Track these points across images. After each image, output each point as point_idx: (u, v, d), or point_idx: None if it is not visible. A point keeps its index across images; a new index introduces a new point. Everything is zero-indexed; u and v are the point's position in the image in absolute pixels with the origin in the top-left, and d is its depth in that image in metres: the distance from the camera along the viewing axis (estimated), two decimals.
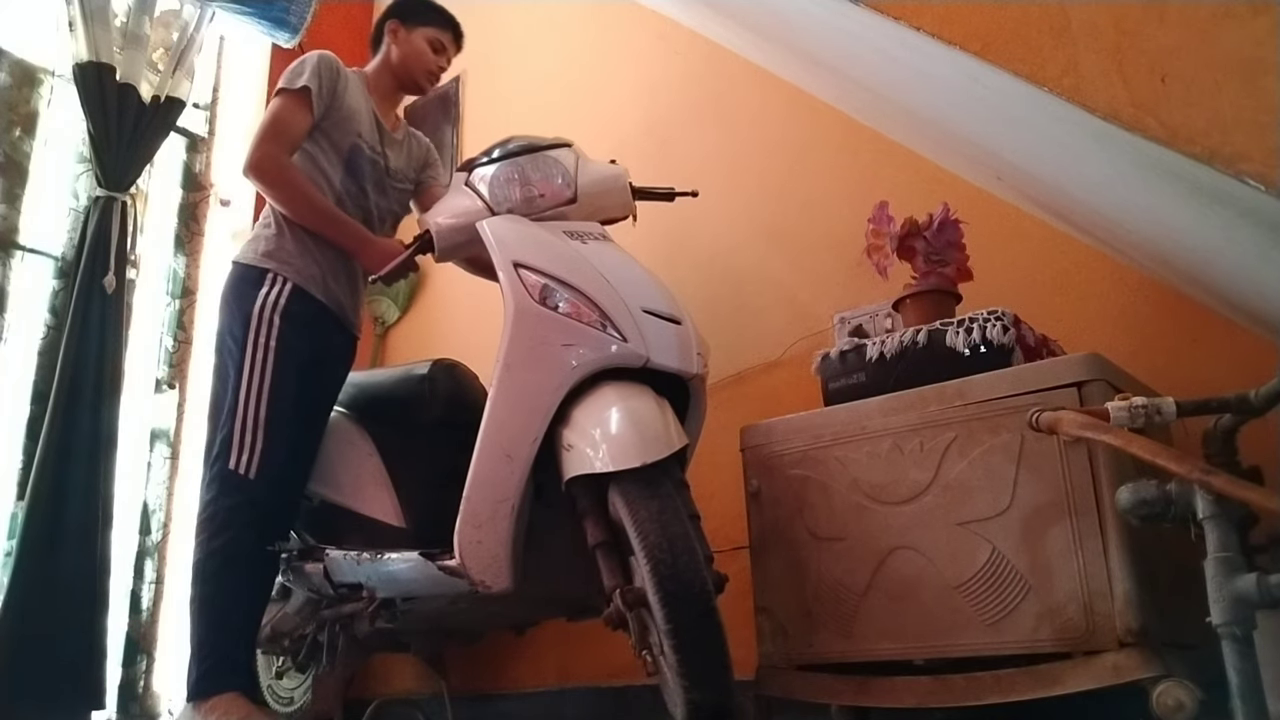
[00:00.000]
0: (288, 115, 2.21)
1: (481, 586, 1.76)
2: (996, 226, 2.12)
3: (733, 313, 2.59)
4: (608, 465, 1.60)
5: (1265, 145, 1.09)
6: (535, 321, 1.77)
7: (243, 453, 2.05)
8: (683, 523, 1.53)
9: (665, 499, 1.55)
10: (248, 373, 2.09)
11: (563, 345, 1.74)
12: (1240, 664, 1.14)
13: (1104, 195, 1.68)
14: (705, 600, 1.45)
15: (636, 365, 1.74)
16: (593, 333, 1.74)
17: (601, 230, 1.99)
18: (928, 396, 1.67)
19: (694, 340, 1.85)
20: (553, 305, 1.77)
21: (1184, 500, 1.23)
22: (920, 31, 1.36)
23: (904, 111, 2.16)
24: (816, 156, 2.52)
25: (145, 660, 2.92)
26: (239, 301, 2.18)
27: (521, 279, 1.80)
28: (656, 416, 1.66)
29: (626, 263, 1.90)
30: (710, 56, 2.79)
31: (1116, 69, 1.22)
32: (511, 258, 1.83)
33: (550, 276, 1.79)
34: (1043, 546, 1.50)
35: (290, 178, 2.18)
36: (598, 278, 1.81)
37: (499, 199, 1.98)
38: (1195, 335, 1.89)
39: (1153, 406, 1.30)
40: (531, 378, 1.74)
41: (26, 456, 2.68)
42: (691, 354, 1.82)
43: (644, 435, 1.61)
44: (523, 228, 1.91)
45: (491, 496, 1.74)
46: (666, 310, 1.83)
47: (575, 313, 1.76)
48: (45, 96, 3.02)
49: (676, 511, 1.54)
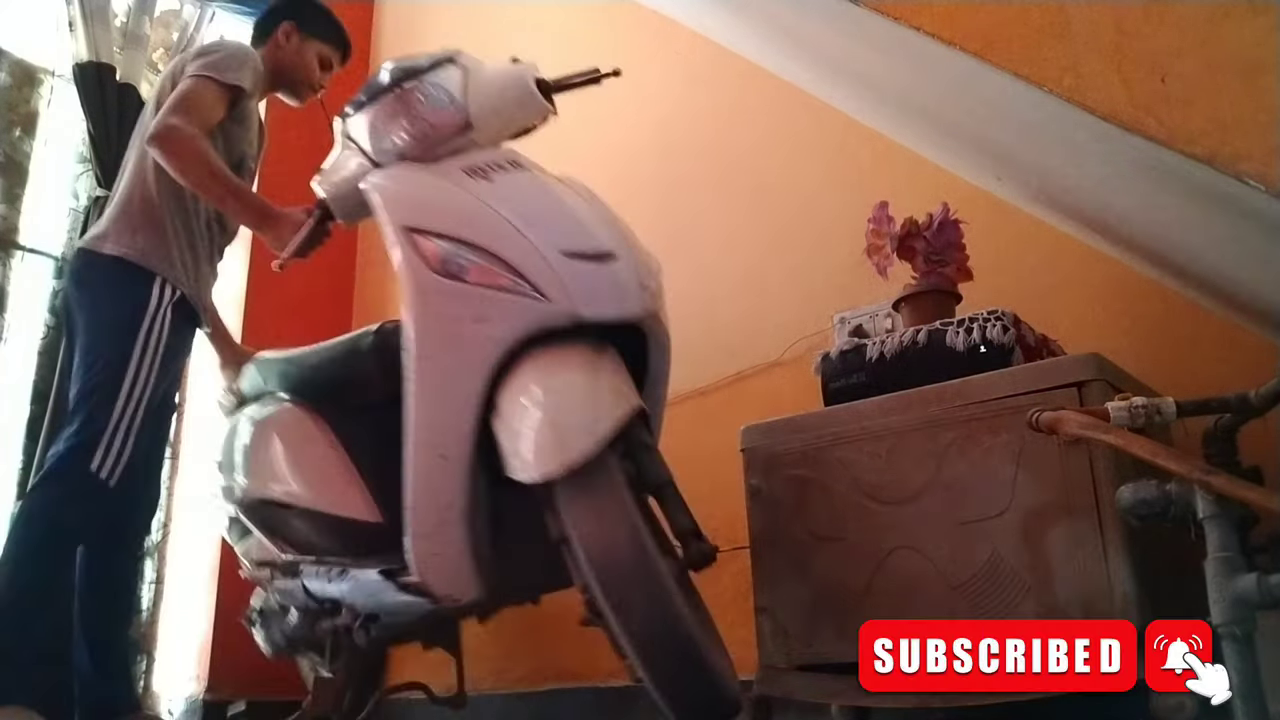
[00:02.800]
0: (211, 100, 2.03)
1: (448, 601, 1.60)
2: (996, 226, 2.12)
3: (733, 313, 2.59)
4: (532, 476, 1.43)
5: (1265, 145, 1.10)
6: (438, 298, 1.54)
7: (109, 455, 1.90)
8: (627, 520, 1.37)
9: (603, 497, 1.38)
10: (132, 376, 1.96)
11: (474, 322, 1.50)
12: (1240, 664, 1.14)
13: (1104, 195, 1.68)
14: (662, 606, 1.32)
15: (565, 325, 1.52)
16: (505, 299, 1.50)
17: (510, 157, 1.70)
18: (928, 396, 1.66)
19: (635, 273, 1.59)
20: (455, 274, 1.53)
21: (1184, 500, 1.23)
22: (920, 31, 1.37)
23: (904, 111, 2.16)
24: (816, 156, 2.52)
25: (145, 660, 2.93)
26: (125, 300, 2.03)
27: (417, 248, 1.55)
28: (582, 398, 1.44)
29: (540, 193, 1.63)
30: (710, 56, 2.79)
31: (1116, 69, 1.22)
32: (402, 222, 1.58)
33: (449, 238, 1.54)
34: (1043, 546, 1.50)
35: (199, 149, 1.96)
36: (504, 226, 1.55)
37: (382, 149, 1.70)
38: (1195, 335, 1.88)
39: (1153, 406, 1.30)
40: (449, 365, 1.53)
41: (26, 456, 2.68)
42: (632, 292, 1.57)
43: (563, 433, 1.41)
44: (411, 179, 1.65)
45: (435, 503, 1.56)
46: (593, 246, 1.57)
47: (483, 278, 1.51)
48: (45, 96, 3.03)
49: (619, 508, 1.37)
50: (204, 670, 2.83)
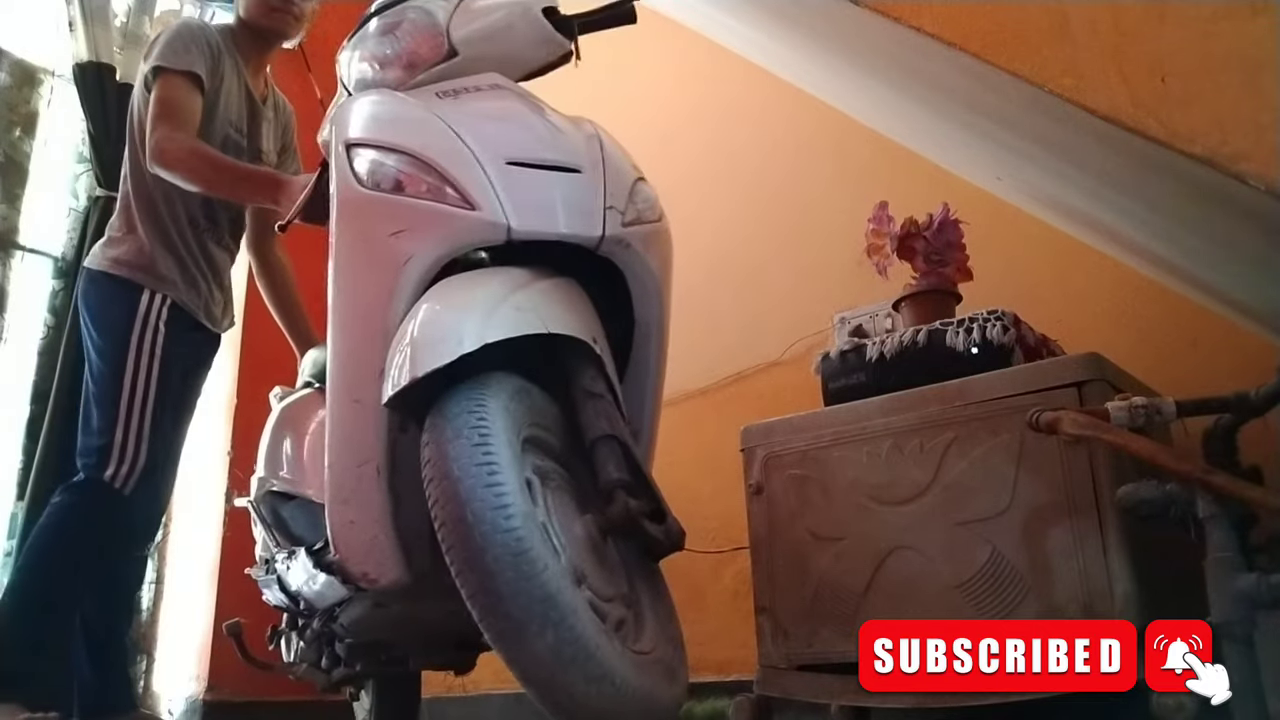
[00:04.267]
0: (181, 94, 1.93)
1: (365, 580, 1.35)
2: (996, 226, 2.12)
3: (733, 313, 2.59)
4: (380, 403, 1.21)
5: (1265, 145, 1.09)
6: (357, 211, 1.34)
7: (122, 464, 1.91)
8: (471, 468, 1.07)
9: (458, 437, 1.10)
10: (129, 387, 1.95)
11: (391, 235, 1.28)
12: (1240, 664, 1.14)
13: (1104, 195, 1.68)
14: (525, 583, 1.01)
15: (497, 241, 1.29)
16: (426, 208, 1.29)
17: (494, 81, 1.49)
18: (928, 396, 1.66)
19: (598, 190, 1.38)
20: (381, 184, 1.32)
21: (1184, 500, 1.23)
22: (920, 31, 1.36)
23: (904, 112, 2.16)
24: (816, 156, 2.52)
25: (145, 660, 2.93)
26: (114, 317, 2.01)
27: (350, 161, 1.35)
28: (460, 313, 1.19)
29: (512, 110, 1.43)
30: (710, 56, 2.79)
31: (1116, 69, 1.22)
32: (344, 138, 1.39)
33: (383, 147, 1.35)
34: (1043, 546, 1.50)
35: (192, 151, 1.89)
36: (447, 136, 1.34)
37: (359, 80, 1.55)
38: (1195, 335, 1.89)
39: (1153, 406, 1.30)
40: (362, 288, 1.32)
41: (26, 456, 2.68)
42: (588, 209, 1.35)
43: (417, 349, 1.16)
44: (369, 100, 1.47)
45: (352, 459, 1.31)
46: (549, 157, 1.36)
47: (407, 186, 1.30)
48: (45, 96, 3.03)
49: (460, 451, 1.09)
50: (204, 670, 2.83)
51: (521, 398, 1.22)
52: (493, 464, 1.08)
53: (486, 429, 1.11)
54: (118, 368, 1.96)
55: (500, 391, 1.18)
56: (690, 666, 1.32)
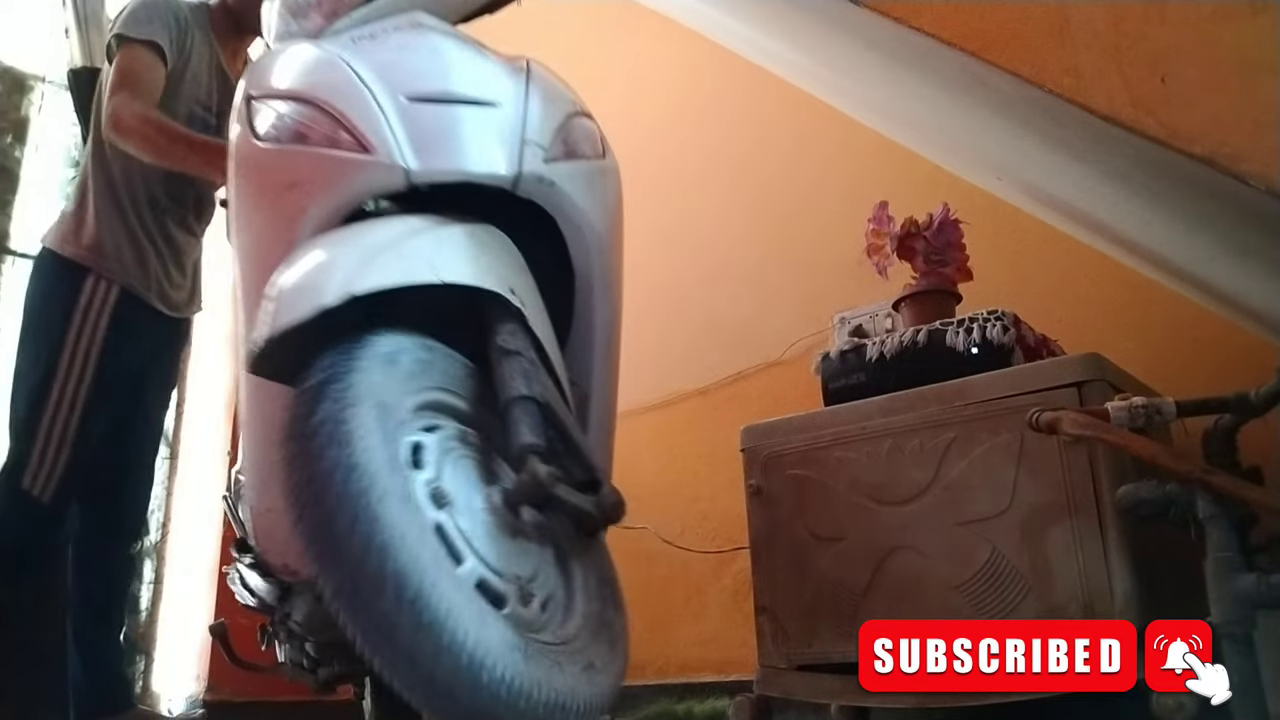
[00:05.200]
0: (142, 64, 1.86)
1: (286, 573, 1.26)
2: (996, 226, 2.12)
3: (733, 313, 2.59)
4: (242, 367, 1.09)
5: (1265, 145, 1.09)
6: (252, 167, 1.24)
7: (40, 471, 1.79)
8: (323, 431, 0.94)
9: (322, 397, 0.97)
10: (61, 384, 1.82)
11: (286, 190, 1.18)
12: (1240, 664, 1.14)
13: (1104, 195, 1.69)
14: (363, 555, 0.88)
15: (397, 186, 1.16)
16: (316, 155, 1.17)
17: (418, 19, 1.34)
18: (928, 396, 1.66)
19: (519, 125, 1.23)
20: (275, 136, 1.21)
21: (1184, 500, 1.23)
22: (920, 31, 1.36)
23: (904, 111, 2.16)
24: (816, 156, 2.52)
25: (144, 660, 2.93)
26: (55, 299, 1.89)
27: (249, 115, 1.24)
28: (325, 261, 1.05)
29: (424, 44, 1.29)
30: (710, 56, 2.79)
31: (1116, 69, 1.22)
32: (248, 91, 1.28)
33: (281, 96, 1.23)
34: (1043, 546, 1.50)
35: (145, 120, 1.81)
36: (346, 77, 1.21)
37: (284, 33, 1.43)
38: (1195, 335, 1.89)
39: (1153, 406, 1.30)
40: (261, 251, 1.19)
41: None
42: (502, 145, 1.20)
43: (275, 304, 1.03)
44: (279, 52, 1.35)
45: (265, 439, 1.20)
46: (462, 90, 1.22)
47: (305, 136, 1.18)
48: (36, 103, 3.03)
49: (317, 413, 0.96)
50: (204, 670, 2.82)
51: (412, 358, 1.07)
52: (348, 429, 0.93)
53: (347, 391, 0.96)
54: (50, 367, 1.85)
55: (381, 351, 1.03)
56: (690, 666, 1.31)
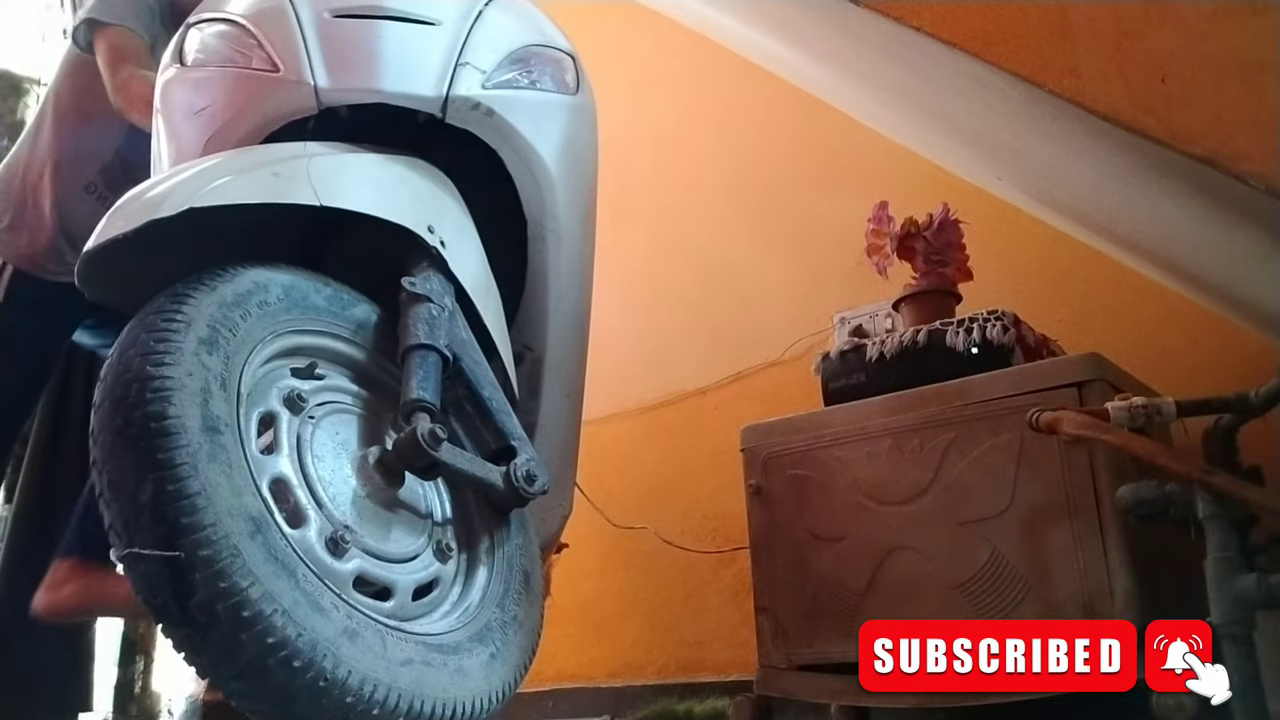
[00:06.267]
0: (130, 44, 1.76)
1: None
2: (996, 226, 2.12)
3: (733, 313, 2.59)
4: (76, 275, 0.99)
5: (1265, 145, 1.09)
6: (169, 92, 1.17)
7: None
8: (134, 367, 0.81)
9: (132, 327, 0.85)
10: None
11: (194, 112, 1.11)
12: (1240, 664, 1.14)
13: (1104, 195, 1.69)
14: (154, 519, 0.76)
15: (308, 108, 1.07)
16: (227, 75, 1.10)
17: None
18: (928, 396, 1.66)
19: (457, 46, 1.14)
20: (199, 61, 1.15)
21: (1184, 500, 1.23)
22: (920, 31, 1.36)
23: (904, 112, 2.16)
24: (816, 156, 2.52)
25: (143, 660, 2.93)
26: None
27: (181, 42, 1.20)
28: (189, 174, 0.93)
29: None
30: (710, 56, 2.79)
31: (1116, 69, 1.22)
32: (188, 20, 1.23)
33: (211, 20, 1.18)
34: (1043, 546, 1.50)
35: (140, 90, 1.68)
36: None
37: None
38: (1195, 335, 1.89)
39: (1153, 406, 1.30)
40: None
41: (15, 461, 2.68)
42: (429, 65, 1.11)
43: (113, 213, 0.91)
44: None
45: None
46: (396, 6, 1.13)
47: (225, 55, 1.11)
48: (31, 106, 3.04)
49: (132, 347, 0.83)
50: None
51: (284, 295, 0.94)
52: (165, 371, 0.80)
53: (174, 327, 0.83)
54: None
55: (241, 286, 0.90)
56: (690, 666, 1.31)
